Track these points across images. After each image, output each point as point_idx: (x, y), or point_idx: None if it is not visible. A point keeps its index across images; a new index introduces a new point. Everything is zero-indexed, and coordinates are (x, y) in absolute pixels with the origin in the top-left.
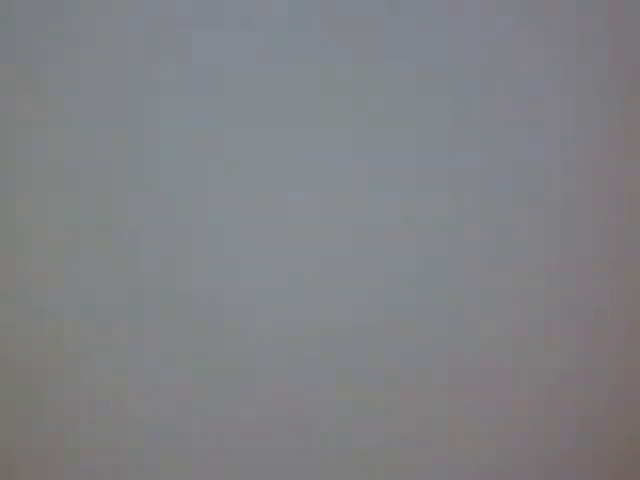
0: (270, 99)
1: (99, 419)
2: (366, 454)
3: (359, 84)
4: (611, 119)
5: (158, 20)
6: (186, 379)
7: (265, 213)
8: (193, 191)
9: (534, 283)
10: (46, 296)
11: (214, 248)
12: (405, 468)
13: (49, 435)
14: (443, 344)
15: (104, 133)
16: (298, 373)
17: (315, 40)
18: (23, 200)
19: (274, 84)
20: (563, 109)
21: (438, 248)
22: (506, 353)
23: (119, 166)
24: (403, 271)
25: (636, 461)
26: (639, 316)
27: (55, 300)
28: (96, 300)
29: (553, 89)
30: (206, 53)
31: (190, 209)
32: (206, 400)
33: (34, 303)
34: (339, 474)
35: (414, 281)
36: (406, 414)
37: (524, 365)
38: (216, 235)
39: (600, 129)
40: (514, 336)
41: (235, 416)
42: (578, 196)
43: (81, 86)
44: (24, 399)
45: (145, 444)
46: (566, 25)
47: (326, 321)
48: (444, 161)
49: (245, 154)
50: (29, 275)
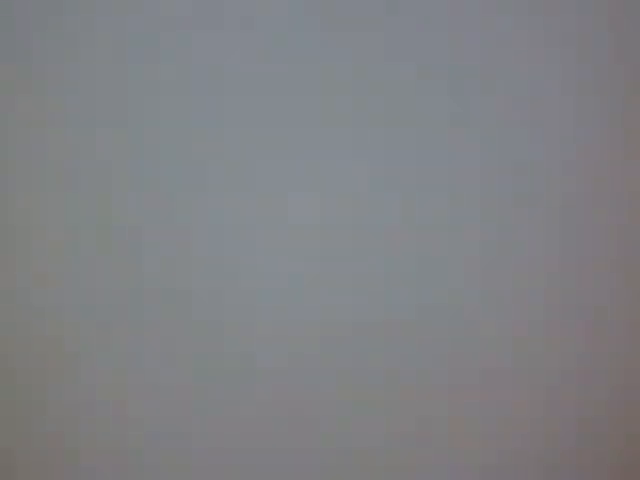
0: (270, 99)
1: (99, 419)
2: (366, 454)
3: (359, 84)
4: (611, 119)
5: (158, 20)
6: (186, 379)
7: (265, 213)
8: (193, 191)
9: (534, 283)
10: (46, 296)
11: (214, 248)
12: (405, 468)
13: (49, 435)
14: (443, 344)
15: (104, 133)
16: (298, 373)
17: (315, 40)
18: (23, 200)
19: (274, 84)
20: (563, 109)
21: (438, 248)
22: (506, 353)
23: (119, 166)
24: (403, 271)
25: (636, 461)
26: (639, 316)
27: (55, 300)
28: (96, 300)
29: (553, 89)
30: (206, 53)
31: (190, 209)
32: (206, 400)
33: (34, 303)
34: (339, 474)
35: (414, 281)
36: (406, 414)
37: (524, 365)
38: (216, 235)
39: (600, 129)
40: (514, 336)
41: (235, 416)
42: (578, 196)
43: (81, 86)
44: (24, 399)
45: (145, 444)
46: (566, 25)
47: (326, 321)
48: (444, 161)
49: (245, 154)
50: (29, 275)
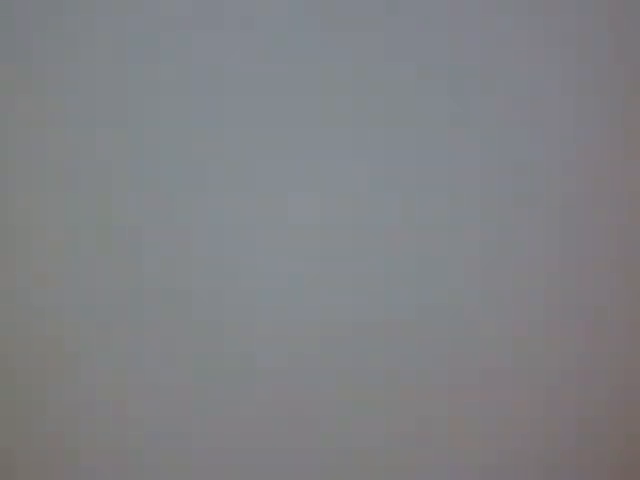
0: (270, 99)
1: (99, 419)
2: (366, 454)
3: (359, 84)
4: (611, 119)
5: (158, 20)
6: (186, 379)
7: (265, 213)
8: (193, 191)
9: (534, 283)
10: (46, 296)
11: (214, 248)
12: (405, 468)
13: (49, 435)
14: (443, 344)
15: (104, 133)
16: (298, 373)
17: (315, 40)
18: (23, 200)
19: (274, 84)
20: (563, 109)
21: (438, 248)
22: (506, 353)
23: (119, 166)
24: (403, 271)
25: (636, 461)
26: (639, 316)
27: (55, 300)
28: (96, 300)
29: (553, 89)
30: (206, 53)
31: (190, 209)
32: (206, 400)
33: (34, 303)
34: (339, 474)
35: (414, 281)
36: (406, 414)
37: (524, 365)
38: (216, 235)
39: (600, 129)
40: (514, 336)
41: (235, 416)
42: (578, 196)
43: (81, 86)
44: (24, 399)
45: (145, 444)
46: (566, 25)
47: (326, 321)
48: (444, 161)
49: (245, 154)
50: (29, 275)
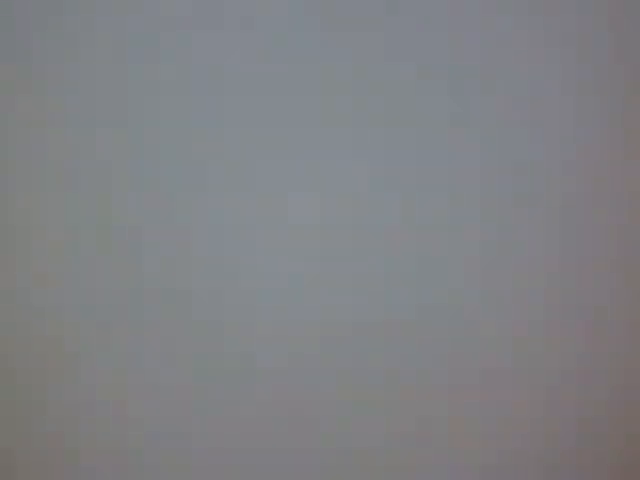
0: (270, 99)
1: (99, 419)
2: (366, 454)
3: (359, 84)
4: (611, 119)
5: (158, 20)
6: (186, 379)
7: (265, 213)
8: (193, 191)
9: (534, 283)
10: (46, 296)
11: (214, 248)
12: (405, 468)
13: (49, 435)
14: (443, 344)
15: (104, 133)
16: (298, 373)
17: (315, 40)
18: (23, 200)
19: (274, 84)
20: (563, 109)
21: (438, 248)
22: (506, 353)
23: (119, 166)
24: (403, 271)
25: (636, 461)
26: (639, 316)
27: (55, 300)
28: (96, 300)
29: (553, 89)
30: (206, 53)
31: (190, 209)
32: (206, 400)
33: (34, 303)
34: (339, 474)
35: (414, 281)
36: (406, 414)
37: (524, 365)
38: (216, 235)
39: (600, 129)
40: (514, 336)
41: (235, 416)
42: (578, 196)
43: (81, 86)
44: (24, 399)
45: (145, 444)
46: (566, 25)
47: (326, 321)
48: (444, 161)
49: (245, 154)
50: (29, 275)
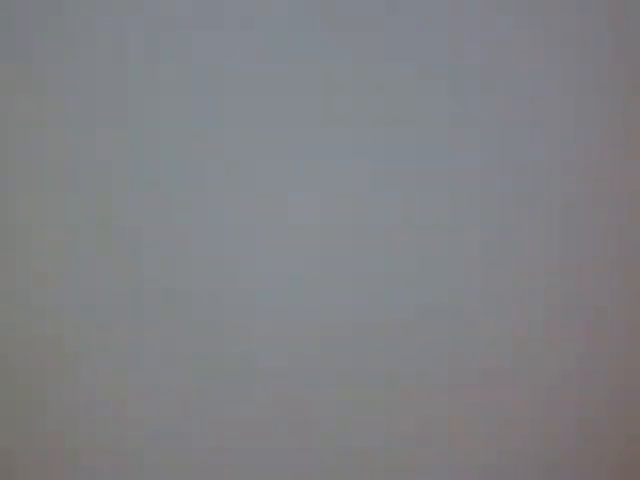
0: (270, 99)
1: (99, 419)
2: (366, 454)
3: (359, 84)
4: (611, 119)
5: (158, 20)
6: (186, 379)
7: (265, 213)
8: (193, 191)
9: (534, 283)
10: (46, 296)
11: (214, 248)
12: (405, 468)
13: (49, 435)
14: (443, 344)
15: (104, 133)
16: (298, 373)
17: (315, 40)
18: (23, 200)
19: (274, 84)
20: (563, 109)
21: (438, 248)
22: (506, 353)
23: (119, 166)
24: (403, 271)
25: (636, 461)
26: (639, 316)
27: (55, 300)
28: (96, 300)
29: (553, 89)
30: (206, 53)
31: (190, 209)
32: (206, 400)
33: (34, 303)
34: (339, 474)
35: (414, 281)
36: (406, 414)
37: (524, 365)
38: (216, 235)
39: (600, 129)
40: (514, 336)
41: (235, 416)
42: (578, 196)
43: (81, 86)
44: (24, 399)
45: (145, 444)
46: (566, 25)
47: (326, 321)
48: (444, 161)
49: (245, 154)
50: (29, 275)
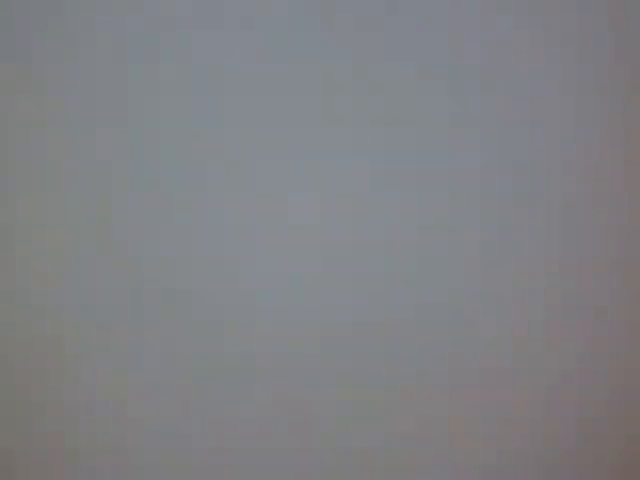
0: (270, 99)
1: (99, 419)
2: (366, 454)
3: (359, 84)
4: (611, 119)
5: (158, 20)
6: (186, 379)
7: (265, 213)
8: (193, 191)
9: (534, 283)
10: (46, 296)
11: (214, 248)
12: (405, 468)
13: (49, 435)
14: (443, 344)
15: (104, 133)
16: (298, 373)
17: (315, 40)
18: (23, 200)
19: (274, 84)
20: (563, 109)
21: (438, 248)
22: (506, 353)
23: (119, 166)
24: (403, 271)
25: (636, 461)
26: (639, 316)
27: (55, 300)
28: (96, 300)
29: (553, 89)
30: (206, 53)
31: (190, 209)
32: (206, 400)
33: (34, 303)
34: (339, 474)
35: (414, 281)
36: (406, 414)
37: (524, 365)
38: (216, 235)
39: (600, 129)
40: (514, 336)
41: (235, 416)
42: (578, 196)
43: (81, 86)
44: (24, 399)
45: (145, 444)
46: (566, 25)
47: (326, 321)
48: (444, 161)
49: (245, 154)
50: (29, 275)
